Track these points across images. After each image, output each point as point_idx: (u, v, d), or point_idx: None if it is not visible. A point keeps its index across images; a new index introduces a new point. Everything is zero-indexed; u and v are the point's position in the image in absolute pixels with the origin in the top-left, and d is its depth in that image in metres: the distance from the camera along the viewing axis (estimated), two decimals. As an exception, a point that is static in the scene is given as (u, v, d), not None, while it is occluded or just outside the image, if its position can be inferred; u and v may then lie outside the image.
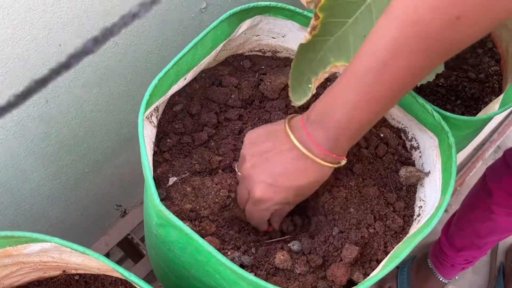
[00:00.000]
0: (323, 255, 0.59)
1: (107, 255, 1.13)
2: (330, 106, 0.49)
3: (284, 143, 0.53)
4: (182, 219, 0.61)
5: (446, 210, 1.36)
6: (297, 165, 0.52)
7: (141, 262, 1.03)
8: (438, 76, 0.66)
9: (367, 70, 0.45)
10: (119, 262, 1.19)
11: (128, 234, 1.02)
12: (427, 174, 0.66)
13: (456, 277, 1.28)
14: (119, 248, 1.10)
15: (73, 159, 0.90)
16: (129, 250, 1.08)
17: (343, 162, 0.54)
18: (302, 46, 0.56)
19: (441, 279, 1.24)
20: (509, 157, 0.95)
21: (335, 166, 0.54)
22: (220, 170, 0.65)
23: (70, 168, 0.91)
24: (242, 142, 0.61)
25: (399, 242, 0.61)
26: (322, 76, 0.56)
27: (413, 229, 0.62)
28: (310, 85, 0.57)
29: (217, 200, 0.61)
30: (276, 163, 0.53)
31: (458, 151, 0.82)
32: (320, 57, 0.56)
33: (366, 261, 0.60)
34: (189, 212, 0.60)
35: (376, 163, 0.69)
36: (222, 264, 0.50)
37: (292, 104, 0.61)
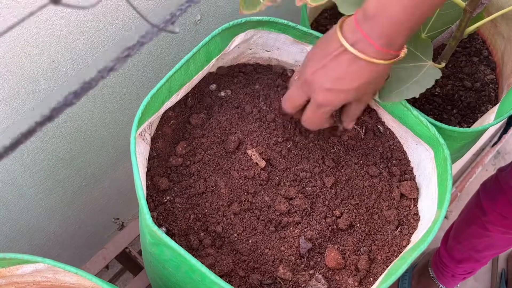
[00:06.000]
0: None
1: (106, 268, 1.13)
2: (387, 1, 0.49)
3: (337, 47, 0.53)
4: (177, 235, 0.61)
5: (446, 217, 1.35)
6: (352, 68, 0.53)
7: (140, 275, 1.02)
8: (434, 85, 0.65)
9: None
10: (119, 275, 1.19)
11: (126, 248, 1.01)
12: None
13: (458, 286, 1.28)
14: (117, 261, 1.09)
15: (70, 173, 0.90)
16: (128, 263, 1.08)
17: (402, 54, 0.54)
18: None
19: None
20: (502, 179, 0.94)
21: (392, 61, 0.53)
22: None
23: (67, 182, 0.91)
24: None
25: (396, 256, 0.61)
26: None
27: (410, 243, 0.62)
28: (261, 0, 0.55)
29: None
30: (333, 68, 0.54)
31: (455, 160, 0.82)
32: None
33: (363, 277, 0.60)
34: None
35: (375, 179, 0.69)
36: (216, 283, 0.49)
37: (240, 12, 0.58)
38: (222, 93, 0.72)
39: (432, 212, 0.61)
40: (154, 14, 0.22)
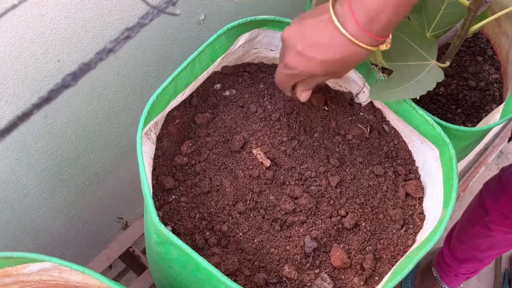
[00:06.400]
0: None
1: (109, 268, 1.13)
2: None
3: (325, 13, 0.51)
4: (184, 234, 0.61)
5: (449, 217, 1.35)
6: (329, 38, 0.51)
7: (143, 274, 1.02)
8: (438, 85, 0.65)
9: None
10: (122, 274, 1.19)
11: (130, 247, 1.01)
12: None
13: (461, 285, 1.27)
14: (121, 261, 1.09)
15: (74, 172, 0.90)
16: (131, 263, 1.08)
17: (383, 47, 0.52)
18: None
19: None
20: (504, 179, 0.94)
21: (369, 48, 0.50)
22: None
23: (71, 181, 0.91)
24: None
25: (402, 255, 0.61)
26: None
27: (415, 242, 0.62)
28: None
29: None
30: (312, 32, 0.52)
31: (460, 160, 0.82)
32: None
33: (369, 276, 0.60)
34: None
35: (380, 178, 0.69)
36: (223, 282, 0.49)
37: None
38: (227, 93, 0.72)
39: (437, 211, 0.61)
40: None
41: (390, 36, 0.53)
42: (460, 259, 1.13)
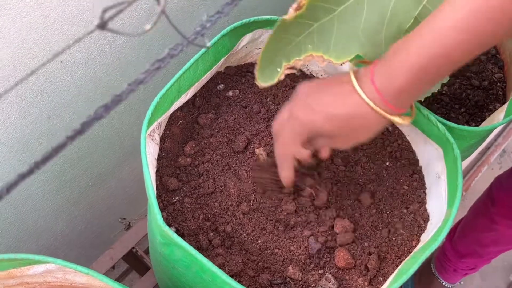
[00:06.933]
0: None
1: (113, 268, 1.13)
2: (401, 60, 0.44)
3: (345, 74, 0.49)
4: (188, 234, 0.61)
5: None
6: (341, 91, 0.48)
7: (147, 275, 1.02)
8: (441, 84, 0.65)
9: (450, 27, 0.41)
10: (125, 274, 1.19)
11: (133, 247, 1.01)
12: None
13: (461, 282, 1.27)
14: (124, 261, 1.09)
15: (76, 173, 0.90)
16: (134, 263, 1.08)
17: (398, 119, 0.48)
18: (282, 24, 0.49)
19: (444, 283, 1.23)
20: None
21: (380, 111, 0.47)
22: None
23: (74, 182, 0.91)
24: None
25: (406, 256, 0.61)
26: (295, 62, 0.50)
27: (419, 243, 0.62)
28: (279, 69, 0.51)
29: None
30: (325, 87, 0.50)
31: (463, 159, 0.82)
32: (297, 42, 0.50)
33: (373, 277, 0.60)
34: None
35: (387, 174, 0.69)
36: (228, 283, 0.49)
37: (256, 83, 0.53)
38: (230, 93, 0.72)
39: (441, 211, 0.61)
40: (184, 26, 0.23)
41: (412, 110, 0.49)
42: (461, 254, 1.13)
